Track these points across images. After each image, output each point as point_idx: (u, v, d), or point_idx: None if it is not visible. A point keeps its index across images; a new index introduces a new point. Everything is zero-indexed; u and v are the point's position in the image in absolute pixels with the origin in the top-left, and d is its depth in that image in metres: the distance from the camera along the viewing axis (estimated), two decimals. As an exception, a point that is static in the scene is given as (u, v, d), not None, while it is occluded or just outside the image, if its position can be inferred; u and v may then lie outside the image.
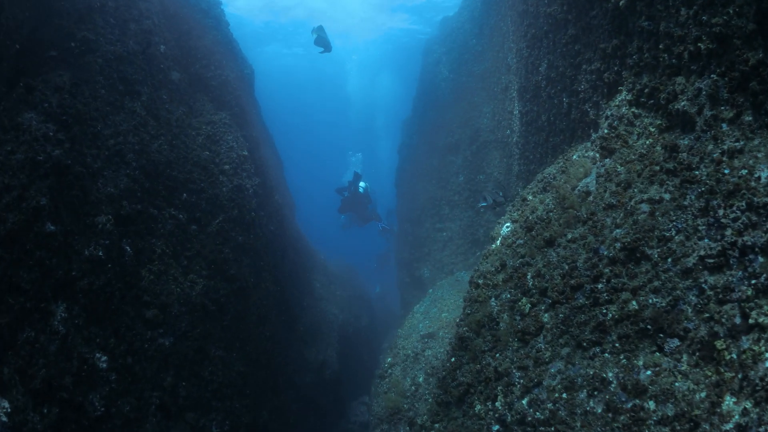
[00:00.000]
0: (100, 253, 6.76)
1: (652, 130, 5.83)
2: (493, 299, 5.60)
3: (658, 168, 5.11)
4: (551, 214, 5.52)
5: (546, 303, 4.89)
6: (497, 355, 5.20)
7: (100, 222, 6.83)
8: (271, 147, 16.89)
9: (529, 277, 5.19)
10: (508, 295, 5.43)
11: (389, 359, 10.12)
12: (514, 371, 4.75)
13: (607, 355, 4.22)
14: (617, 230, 4.62)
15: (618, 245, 4.47)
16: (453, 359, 6.01)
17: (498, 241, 6.21)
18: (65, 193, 6.54)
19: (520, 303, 5.11)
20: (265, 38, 36.31)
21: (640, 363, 4.08)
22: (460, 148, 15.93)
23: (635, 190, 4.95)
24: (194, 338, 7.88)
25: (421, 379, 8.79)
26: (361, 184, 21.05)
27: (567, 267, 4.82)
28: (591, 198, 5.21)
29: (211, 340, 8.27)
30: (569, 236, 5.04)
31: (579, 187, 5.46)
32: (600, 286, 4.42)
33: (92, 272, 6.58)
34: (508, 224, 6.26)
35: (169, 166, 8.13)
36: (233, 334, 8.72)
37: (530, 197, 6.23)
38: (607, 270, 4.44)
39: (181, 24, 11.34)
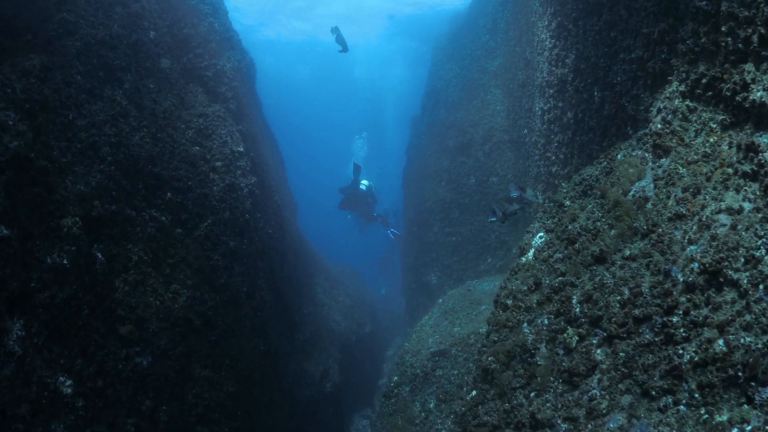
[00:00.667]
0: (66, 261, 5.86)
1: (714, 126, 4.92)
2: (526, 325, 4.68)
3: (731, 171, 4.19)
4: (599, 223, 4.58)
5: (599, 336, 3.95)
6: (532, 395, 4.26)
7: (66, 225, 5.92)
8: (272, 144, 15.99)
9: (574, 301, 4.26)
10: (546, 321, 4.50)
11: (396, 377, 9.19)
12: (559, 422, 3.80)
13: (682, 407, 3.29)
14: (692, 247, 3.69)
15: (696, 266, 3.53)
16: (474, 392, 5.08)
17: (530, 254, 5.28)
18: (25, 190, 5.63)
19: (565, 335, 4.17)
20: (266, 29, 35.40)
21: (725, 418, 3.15)
22: (472, 149, 15.00)
23: (707, 197, 4.02)
24: (176, 357, 6.97)
25: (432, 405, 7.86)
26: (363, 182, 19.94)
27: (628, 292, 3.88)
28: (650, 205, 4.28)
29: (197, 358, 7.35)
30: (627, 252, 4.11)
31: (633, 192, 4.53)
32: (675, 319, 3.48)
33: (55, 283, 5.67)
34: (541, 234, 5.33)
35: (151, 162, 7.22)
36: (222, 351, 7.81)
37: (567, 202, 5.30)
38: (683, 299, 3.50)
39: (174, 10, 10.45)
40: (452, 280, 15.26)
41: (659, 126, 5.14)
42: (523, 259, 5.35)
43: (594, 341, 4.00)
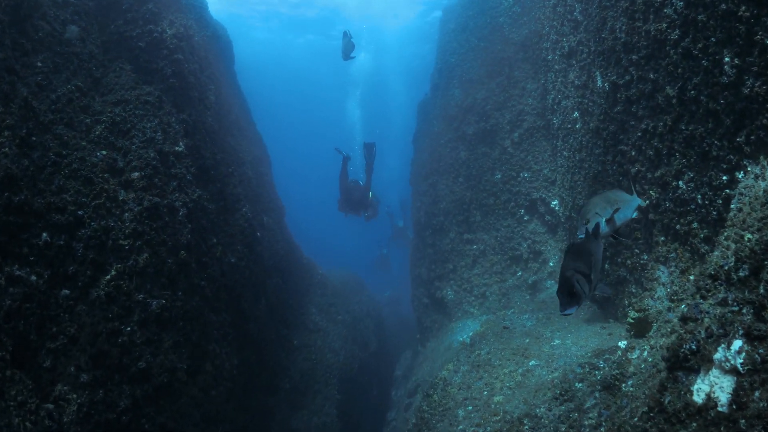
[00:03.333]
0: None
1: None
2: None
3: None
4: None
5: None
6: None
7: None
8: (251, 137, 13.13)
9: None
10: None
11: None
12: None
13: None
14: None
15: None
16: None
17: (716, 387, 2.46)
18: None
19: None
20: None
21: None
22: (497, 137, 12.13)
23: None
24: None
25: None
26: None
27: None
28: None
29: (102, 495, 4.60)
30: None
31: None
32: None
33: None
34: (739, 343, 2.53)
35: (10, 187, 4.39)
36: (151, 467, 5.05)
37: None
38: None
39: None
40: (472, 297, 12.52)
41: None
42: (698, 393, 2.54)
43: None
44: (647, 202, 5.85)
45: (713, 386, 2.60)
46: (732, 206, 4.42)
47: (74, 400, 4.43)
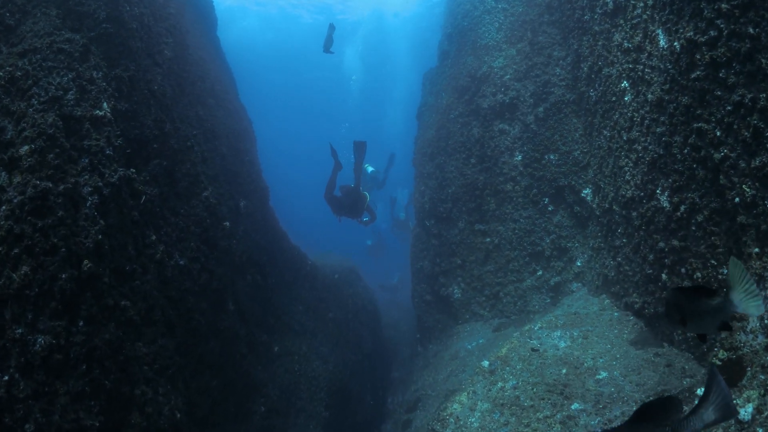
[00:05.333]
0: None
1: None
2: None
3: None
4: None
5: None
6: None
7: None
8: (233, 108, 11.37)
9: None
10: None
11: None
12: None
13: None
14: None
15: None
16: None
17: None
18: None
19: None
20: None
21: None
22: (518, 112, 10.39)
23: None
24: None
25: None
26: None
27: None
28: None
29: None
30: None
31: None
32: None
33: None
34: None
35: None
36: None
37: None
38: None
39: None
40: (483, 297, 10.94)
41: None
42: None
43: None
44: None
45: None
46: None
47: None
